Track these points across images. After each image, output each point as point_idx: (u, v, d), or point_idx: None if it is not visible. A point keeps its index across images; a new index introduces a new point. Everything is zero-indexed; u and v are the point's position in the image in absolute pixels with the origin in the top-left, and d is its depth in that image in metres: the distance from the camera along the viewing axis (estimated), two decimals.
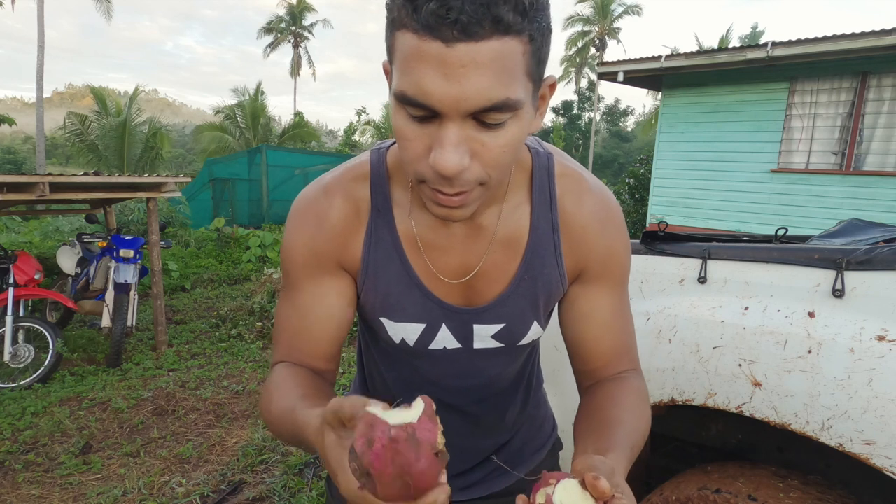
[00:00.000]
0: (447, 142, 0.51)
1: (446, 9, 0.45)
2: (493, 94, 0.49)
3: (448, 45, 0.46)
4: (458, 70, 0.47)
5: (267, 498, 2.44)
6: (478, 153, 0.52)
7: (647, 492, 1.50)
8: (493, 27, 0.46)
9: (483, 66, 0.47)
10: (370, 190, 0.70)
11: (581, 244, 0.71)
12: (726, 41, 26.49)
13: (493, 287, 0.72)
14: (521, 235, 0.70)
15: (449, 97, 0.48)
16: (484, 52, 0.47)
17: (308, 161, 13.11)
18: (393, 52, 0.52)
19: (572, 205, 0.71)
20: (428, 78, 0.48)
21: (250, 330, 4.93)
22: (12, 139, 41.92)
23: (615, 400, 0.69)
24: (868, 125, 6.61)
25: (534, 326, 0.74)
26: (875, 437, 0.91)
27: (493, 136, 0.52)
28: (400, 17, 0.49)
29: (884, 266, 1.00)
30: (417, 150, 0.54)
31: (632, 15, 32.37)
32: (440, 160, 0.51)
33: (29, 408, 3.29)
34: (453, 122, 0.50)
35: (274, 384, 0.67)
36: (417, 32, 0.47)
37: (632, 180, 11.00)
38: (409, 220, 0.70)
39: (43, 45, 18.62)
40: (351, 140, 20.56)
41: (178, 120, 73.55)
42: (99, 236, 4.64)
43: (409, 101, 0.50)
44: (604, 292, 0.73)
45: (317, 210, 0.70)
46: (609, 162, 35.49)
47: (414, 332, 0.72)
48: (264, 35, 35.60)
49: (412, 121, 0.52)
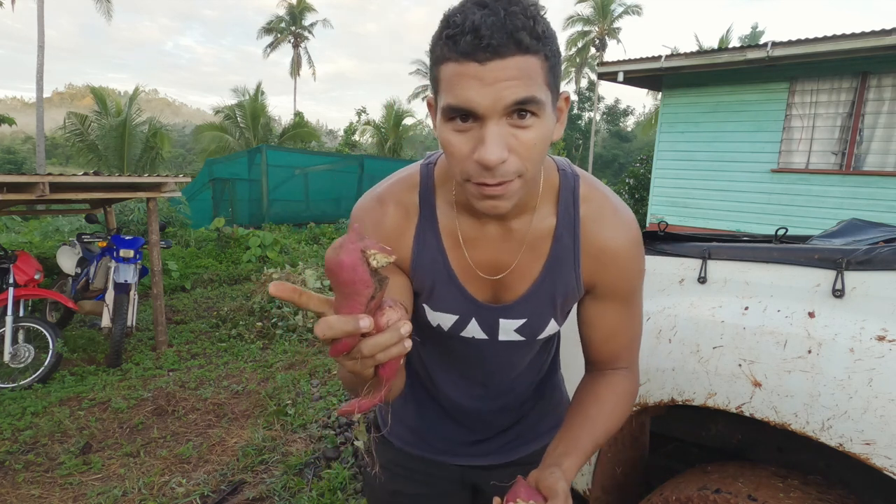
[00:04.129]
0: (489, 138, 0.63)
1: (479, 38, 0.60)
2: (521, 92, 0.62)
3: (482, 65, 0.61)
4: (492, 81, 0.61)
5: (267, 498, 2.44)
6: (514, 148, 0.65)
7: (647, 492, 1.50)
8: (516, 48, 0.60)
9: (511, 76, 0.61)
10: (419, 198, 0.83)
11: (596, 262, 0.82)
12: (726, 41, 26.49)
13: (519, 287, 0.83)
14: (546, 243, 0.82)
15: (487, 101, 0.62)
16: (510, 65, 0.61)
17: (308, 161, 13.10)
18: (438, 82, 0.66)
19: (592, 224, 0.81)
20: (470, 90, 0.62)
21: (250, 330, 4.93)
22: (12, 139, 41.90)
23: (598, 398, 0.85)
24: (868, 125, 6.61)
25: (551, 323, 0.86)
26: (875, 437, 0.91)
27: (524, 133, 0.64)
28: (443, 54, 0.63)
29: (884, 266, 1.00)
30: (463, 153, 0.66)
31: (632, 15, 32.37)
32: (484, 153, 0.63)
33: (29, 408, 3.29)
34: (492, 121, 0.63)
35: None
36: (458, 60, 0.62)
37: (632, 180, 11.00)
38: (453, 223, 0.82)
39: (43, 45, 18.61)
40: (351, 140, 20.54)
41: (178, 120, 73.54)
42: (99, 236, 4.64)
43: (456, 109, 0.64)
44: (611, 307, 0.85)
45: (373, 218, 0.82)
46: (609, 162, 35.49)
47: (448, 320, 0.86)
48: (264, 35, 35.60)
49: (457, 132, 0.66)
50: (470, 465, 1.04)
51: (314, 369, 4.03)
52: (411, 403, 1.05)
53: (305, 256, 8.47)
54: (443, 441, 1.03)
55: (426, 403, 1.03)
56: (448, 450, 1.03)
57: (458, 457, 1.03)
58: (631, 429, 1.41)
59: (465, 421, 1.01)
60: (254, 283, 6.72)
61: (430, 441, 1.04)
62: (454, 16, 0.62)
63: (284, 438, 2.97)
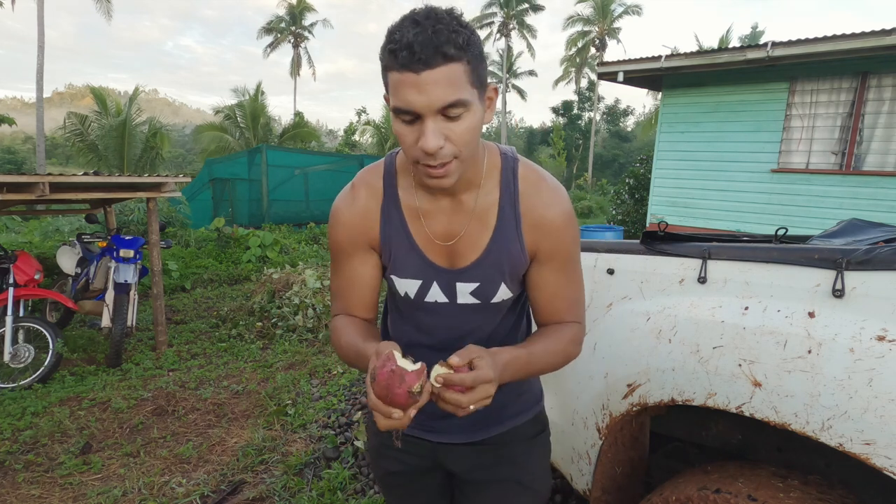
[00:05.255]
0: (427, 131, 0.79)
1: (412, 52, 0.75)
2: (449, 96, 0.77)
3: (418, 74, 0.76)
4: (426, 87, 0.76)
5: (267, 498, 2.44)
6: (448, 136, 0.80)
7: (647, 492, 1.50)
8: (442, 59, 0.75)
9: (441, 82, 0.76)
10: (383, 181, 0.99)
11: (536, 231, 0.95)
12: (726, 41, 26.47)
13: (471, 253, 0.97)
14: (492, 214, 0.96)
15: (423, 103, 0.77)
16: (439, 74, 0.76)
17: (308, 161, 13.09)
18: (387, 86, 0.82)
19: (530, 199, 0.96)
20: (410, 95, 0.77)
21: (250, 330, 4.93)
22: (12, 139, 41.87)
23: (542, 332, 1.00)
24: (868, 125, 6.60)
25: (502, 288, 0.98)
26: (875, 437, 0.91)
27: (456, 125, 0.80)
28: (388, 63, 0.79)
29: (884, 266, 1.00)
30: (410, 142, 0.82)
31: (632, 15, 32.34)
32: (425, 143, 0.79)
33: (29, 408, 3.29)
34: (429, 119, 0.79)
35: (340, 326, 1.01)
36: (399, 70, 0.77)
37: (632, 180, 10.99)
38: (413, 199, 0.97)
39: (43, 45, 18.61)
40: (351, 140, 20.54)
41: (178, 120, 73.47)
42: (99, 236, 4.64)
43: (401, 111, 0.79)
44: (552, 271, 0.98)
45: (348, 200, 1.00)
46: (609, 162, 35.46)
47: (413, 287, 1.00)
48: (264, 35, 35.56)
49: (404, 124, 0.82)
50: (438, 441, 1.10)
51: (314, 369, 4.03)
52: None
53: (305, 256, 8.47)
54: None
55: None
56: (421, 425, 1.09)
57: (428, 432, 1.10)
58: (631, 429, 1.41)
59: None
60: (254, 283, 6.72)
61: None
62: (394, 32, 0.77)
63: (284, 438, 2.97)
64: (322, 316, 4.95)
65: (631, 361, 1.31)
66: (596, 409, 1.41)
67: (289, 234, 10.14)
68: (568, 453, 1.55)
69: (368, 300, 1.04)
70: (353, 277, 1.02)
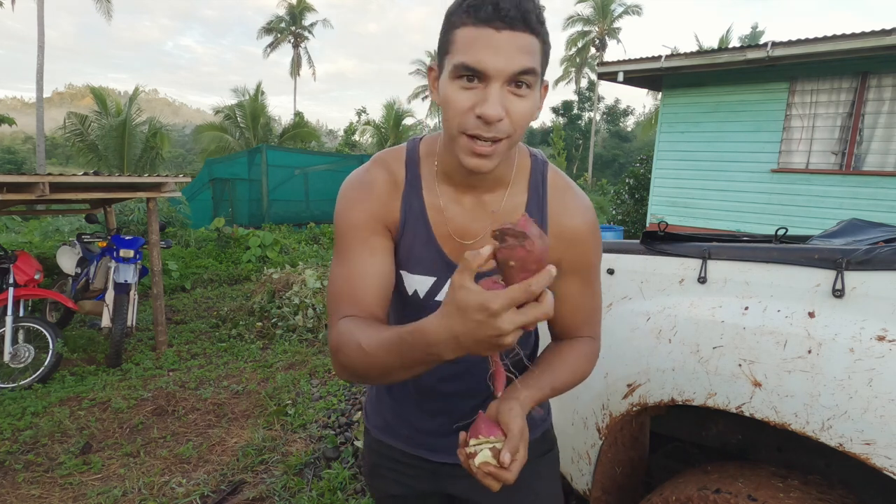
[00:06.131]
0: (492, 96, 0.71)
1: (498, 10, 0.69)
2: (524, 63, 0.71)
3: (498, 32, 0.70)
4: (504, 47, 0.70)
5: (267, 498, 2.44)
6: (509, 111, 0.73)
7: (647, 492, 1.50)
8: (525, 26, 0.70)
9: (518, 47, 0.70)
10: (405, 167, 0.91)
11: (561, 241, 0.90)
12: (726, 41, 26.47)
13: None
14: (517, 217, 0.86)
15: (498, 65, 0.70)
16: (520, 39, 0.70)
17: (308, 161, 13.09)
18: (451, 45, 0.74)
19: (557, 207, 0.91)
20: (484, 53, 0.70)
21: (250, 330, 4.93)
22: (12, 139, 41.87)
23: (561, 353, 0.92)
24: (868, 125, 6.60)
25: None
26: (875, 437, 0.91)
27: (519, 101, 0.73)
28: (461, 20, 0.72)
29: (884, 266, 1.00)
30: (465, 106, 0.73)
31: (632, 15, 32.34)
32: (486, 108, 0.71)
33: (29, 408, 3.29)
34: (497, 84, 0.71)
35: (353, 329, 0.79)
36: (476, 25, 0.70)
37: (632, 180, 10.98)
38: (434, 192, 0.89)
39: (43, 45, 18.61)
40: (351, 140, 20.54)
41: (178, 120, 73.48)
42: (99, 236, 4.64)
43: (468, 68, 0.71)
44: (574, 283, 0.92)
45: (366, 180, 0.90)
46: (609, 162, 35.46)
47: (425, 284, 0.91)
48: (264, 35, 35.57)
49: (461, 88, 0.73)
50: (441, 461, 1.03)
51: (314, 369, 4.03)
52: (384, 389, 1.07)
53: (305, 256, 8.47)
54: (412, 430, 1.04)
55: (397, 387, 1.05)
56: (420, 443, 1.03)
57: (430, 451, 1.03)
58: (631, 429, 1.41)
59: (430, 406, 1.02)
60: (254, 283, 6.72)
61: (400, 430, 1.05)
62: None
63: (284, 438, 2.97)
64: (322, 316, 4.95)
65: (631, 361, 1.31)
66: (596, 409, 1.41)
67: (289, 234, 10.13)
68: (568, 453, 1.55)
69: (380, 299, 0.86)
70: (363, 267, 0.86)
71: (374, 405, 1.11)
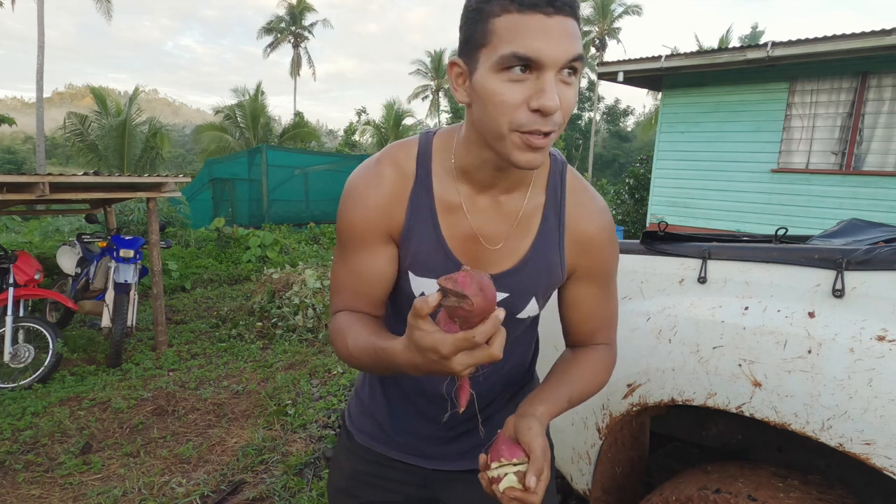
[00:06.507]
0: (549, 87, 0.66)
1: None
2: (577, 48, 0.67)
3: (549, 17, 0.65)
4: (556, 33, 0.65)
5: (267, 498, 2.44)
6: (561, 100, 0.68)
7: (647, 492, 1.50)
8: (570, 11, 0.67)
9: (569, 32, 0.66)
10: (416, 162, 0.85)
11: (577, 246, 0.87)
12: (726, 41, 26.49)
13: (506, 260, 0.86)
14: (535, 221, 0.86)
15: (554, 52, 0.65)
16: (568, 23, 0.67)
17: (308, 161, 13.09)
18: (490, 35, 0.68)
19: (575, 210, 0.87)
20: (536, 40, 0.65)
21: (250, 330, 4.93)
22: (12, 139, 41.88)
23: (577, 362, 0.90)
24: (868, 125, 6.61)
25: (532, 303, 0.88)
26: (875, 437, 0.91)
27: (568, 90, 0.69)
28: (500, 7, 0.66)
29: (884, 266, 1.00)
30: (517, 101, 0.67)
31: (632, 15, 32.35)
32: (546, 100, 0.66)
33: (29, 408, 3.29)
34: (552, 72, 0.66)
35: (345, 327, 0.84)
36: (522, 12, 0.65)
37: (632, 180, 10.99)
38: (447, 190, 0.84)
39: (43, 45, 18.60)
40: (351, 140, 20.54)
41: (178, 120, 73.49)
42: (99, 236, 4.64)
43: (520, 58, 0.65)
44: (591, 288, 0.91)
45: (371, 178, 0.84)
46: (609, 162, 35.46)
47: (433, 287, 0.85)
48: (264, 35, 35.58)
49: (511, 81, 0.67)
50: (434, 468, 1.00)
51: (314, 369, 4.03)
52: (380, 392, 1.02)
53: (305, 256, 8.47)
54: (407, 435, 1.00)
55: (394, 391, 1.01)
56: (414, 449, 1.00)
57: (421, 458, 1.00)
58: (631, 429, 1.41)
59: (430, 410, 0.97)
60: (254, 283, 6.72)
61: (393, 436, 1.01)
62: None
63: (284, 438, 2.97)
64: (322, 316, 4.95)
65: (631, 361, 1.31)
66: (596, 409, 1.41)
67: (289, 234, 10.14)
68: (568, 453, 1.55)
69: (379, 296, 0.88)
70: (364, 269, 0.86)
71: (362, 408, 1.06)
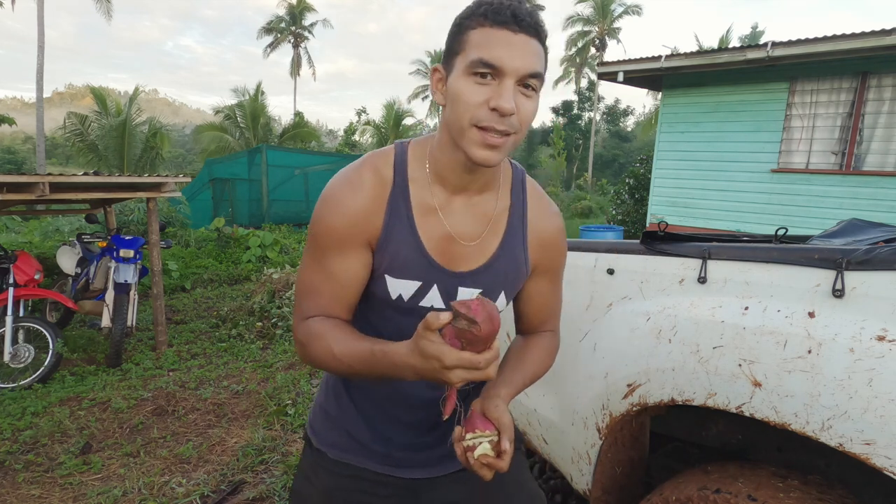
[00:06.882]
0: (506, 92, 0.76)
1: (515, 15, 0.76)
2: (536, 66, 0.78)
3: (515, 34, 0.76)
4: (519, 48, 0.76)
5: (267, 498, 2.44)
6: (518, 109, 0.78)
7: (647, 492, 1.50)
8: (536, 35, 0.78)
9: (532, 51, 0.77)
10: (393, 169, 0.90)
11: (539, 244, 0.98)
12: (726, 41, 26.48)
13: (477, 258, 0.93)
14: (502, 221, 0.95)
15: (515, 63, 0.76)
16: (532, 43, 0.78)
17: (308, 161, 13.10)
18: (465, 44, 0.78)
19: (536, 213, 0.98)
20: (501, 51, 0.76)
21: (250, 330, 4.93)
22: (12, 139, 41.88)
23: (528, 349, 1.01)
24: (868, 125, 6.61)
25: (501, 297, 0.96)
26: (875, 437, 0.91)
27: (527, 101, 0.79)
28: (476, 21, 0.78)
29: (884, 266, 1.00)
30: (478, 100, 0.77)
31: (632, 15, 32.34)
32: (503, 101, 0.76)
33: (29, 408, 3.29)
34: (511, 81, 0.76)
35: (324, 331, 0.87)
36: (493, 26, 0.76)
37: (632, 180, 10.98)
38: (424, 194, 0.90)
39: (43, 45, 18.61)
40: (351, 140, 20.53)
41: (178, 120, 73.51)
42: (99, 236, 4.64)
43: (485, 63, 0.76)
44: (545, 283, 1.02)
45: (353, 183, 0.88)
46: (609, 162, 35.45)
47: (410, 288, 0.91)
48: (264, 35, 35.57)
49: (475, 83, 0.77)
50: (413, 477, 1.01)
51: (314, 369, 4.03)
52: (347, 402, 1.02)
53: None
54: (384, 444, 1.01)
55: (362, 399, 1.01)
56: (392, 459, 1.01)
57: (406, 468, 1.01)
58: (631, 429, 1.41)
59: (407, 416, 0.99)
60: (254, 283, 6.72)
61: (371, 445, 1.01)
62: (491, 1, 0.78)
63: (284, 438, 2.97)
64: None
65: (631, 361, 1.31)
66: (596, 409, 1.41)
67: (289, 234, 10.14)
68: (568, 453, 1.55)
69: (354, 301, 0.92)
70: (342, 273, 0.89)
71: (328, 420, 1.04)
